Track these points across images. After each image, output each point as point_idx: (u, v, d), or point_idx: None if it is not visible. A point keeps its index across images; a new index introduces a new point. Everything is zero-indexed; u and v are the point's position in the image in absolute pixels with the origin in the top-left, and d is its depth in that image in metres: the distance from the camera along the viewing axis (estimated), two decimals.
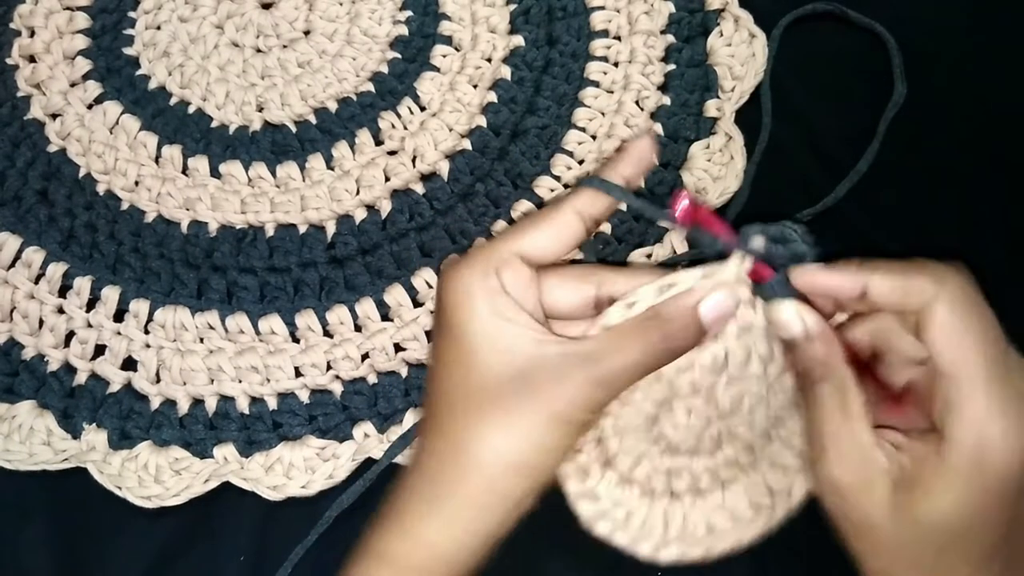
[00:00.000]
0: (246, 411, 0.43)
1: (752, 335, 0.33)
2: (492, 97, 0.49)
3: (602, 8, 0.51)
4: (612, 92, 0.49)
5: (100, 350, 0.44)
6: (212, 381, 0.43)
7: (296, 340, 0.44)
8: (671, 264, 0.42)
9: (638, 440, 0.36)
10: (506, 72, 0.49)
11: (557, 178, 0.47)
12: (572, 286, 0.32)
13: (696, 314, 0.31)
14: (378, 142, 0.48)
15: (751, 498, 0.37)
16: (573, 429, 0.31)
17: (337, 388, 0.43)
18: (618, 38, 0.51)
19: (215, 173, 0.48)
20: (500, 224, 0.46)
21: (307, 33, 0.51)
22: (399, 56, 0.50)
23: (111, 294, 0.44)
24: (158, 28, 0.51)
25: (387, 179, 0.47)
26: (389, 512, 0.32)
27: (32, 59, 0.51)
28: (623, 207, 0.39)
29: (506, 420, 0.30)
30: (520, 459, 0.30)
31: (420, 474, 0.31)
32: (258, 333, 0.44)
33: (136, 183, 0.47)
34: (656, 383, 0.34)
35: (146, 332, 0.44)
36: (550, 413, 0.30)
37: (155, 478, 0.42)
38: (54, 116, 0.49)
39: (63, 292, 0.45)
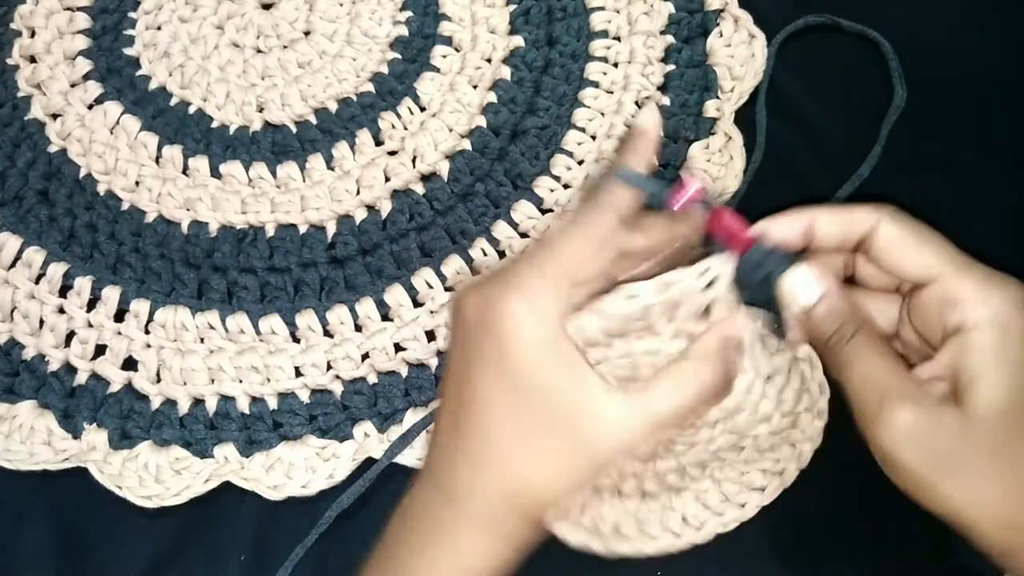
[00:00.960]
0: (246, 411, 0.43)
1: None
2: (492, 97, 0.49)
3: (602, 9, 0.51)
4: (612, 92, 0.49)
5: (100, 350, 0.44)
6: (212, 381, 0.43)
7: (296, 340, 0.44)
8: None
9: None
10: (506, 72, 0.49)
11: (557, 178, 0.47)
12: (592, 260, 0.31)
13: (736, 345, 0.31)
14: (378, 142, 0.48)
15: (662, 518, 0.38)
16: (609, 466, 0.31)
17: (337, 388, 0.43)
18: (618, 38, 0.51)
19: (215, 173, 0.48)
20: (500, 224, 0.46)
21: (307, 33, 0.51)
22: (399, 56, 0.50)
23: (111, 294, 0.45)
24: (158, 28, 0.51)
25: (387, 179, 0.47)
26: (407, 540, 0.32)
27: (33, 59, 0.51)
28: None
29: (555, 466, 0.30)
30: (554, 495, 0.30)
31: (442, 504, 0.31)
32: (258, 333, 0.44)
33: (137, 183, 0.47)
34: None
35: (146, 332, 0.44)
36: (595, 462, 0.30)
37: (155, 478, 0.42)
38: (55, 116, 0.49)
39: (64, 292, 0.45)
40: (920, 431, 0.28)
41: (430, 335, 0.44)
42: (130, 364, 0.44)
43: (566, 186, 0.47)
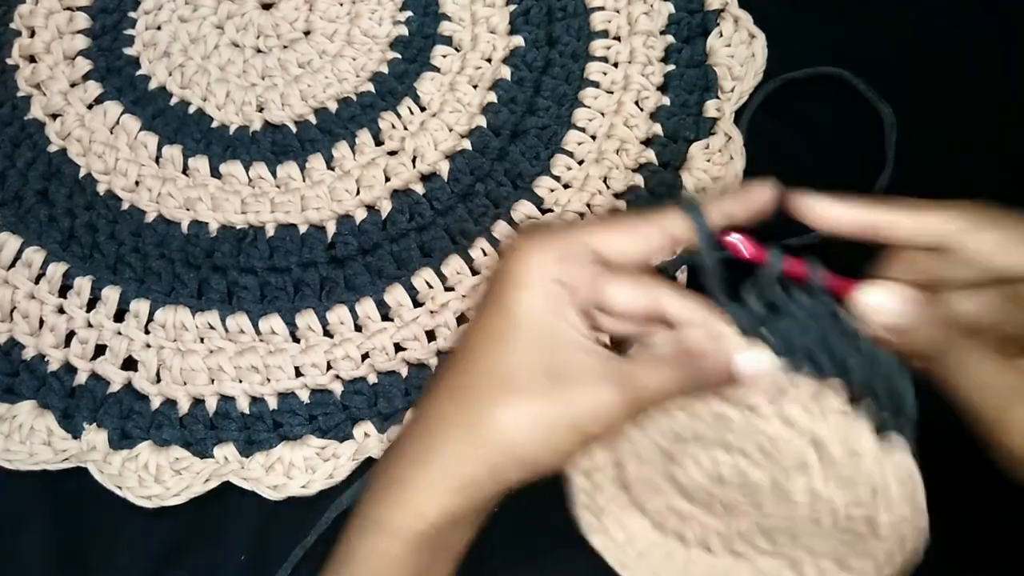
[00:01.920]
0: (246, 411, 0.43)
1: (785, 427, 0.32)
2: (492, 97, 0.49)
3: (602, 9, 0.51)
4: (612, 92, 0.49)
5: (100, 350, 0.44)
6: (212, 381, 0.43)
7: (296, 340, 0.44)
8: (662, 269, 0.41)
9: (654, 472, 0.36)
10: (506, 72, 0.49)
11: (557, 178, 0.47)
12: (632, 293, 0.31)
13: (729, 362, 0.30)
14: (378, 142, 0.48)
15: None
16: (586, 440, 0.31)
17: (337, 388, 0.43)
18: (618, 38, 0.51)
19: (215, 173, 0.48)
20: (500, 224, 0.46)
21: (307, 33, 0.51)
22: (399, 56, 0.50)
23: (111, 294, 0.44)
24: (158, 28, 0.51)
25: (387, 179, 0.47)
26: (385, 478, 0.32)
27: (32, 59, 0.51)
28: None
29: (528, 412, 0.30)
30: (528, 452, 0.30)
31: (419, 439, 0.31)
32: (258, 333, 0.44)
33: (136, 183, 0.47)
34: (667, 418, 0.33)
35: (146, 332, 0.44)
36: (572, 420, 0.30)
37: (155, 478, 0.42)
38: (54, 116, 0.49)
39: (63, 292, 0.45)
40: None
41: (430, 335, 0.44)
42: (130, 364, 0.44)
43: (566, 186, 0.47)
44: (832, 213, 0.30)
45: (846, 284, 0.30)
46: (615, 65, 0.50)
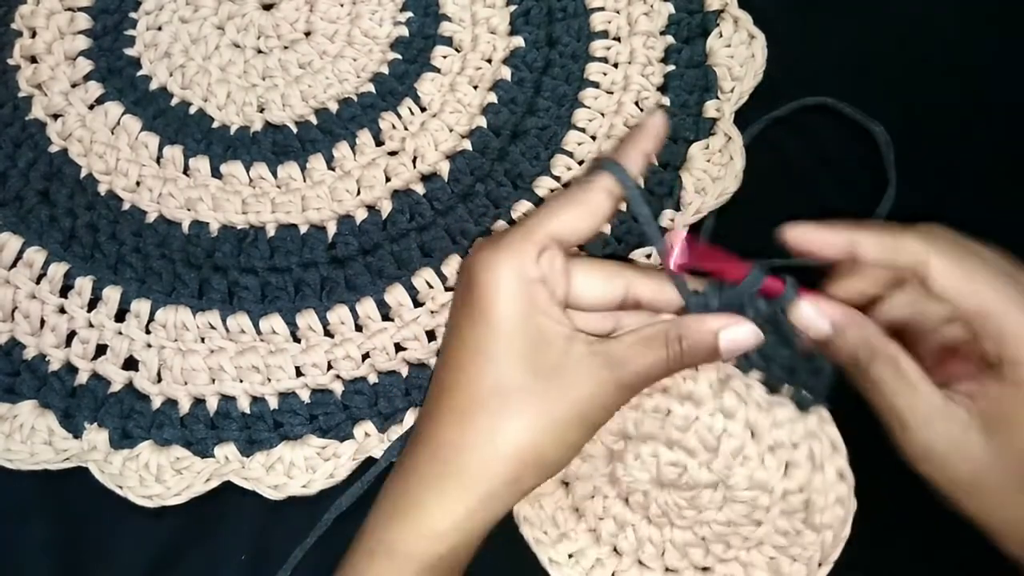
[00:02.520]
0: (247, 411, 0.43)
1: (724, 419, 0.34)
2: (492, 98, 0.49)
3: (602, 9, 0.51)
4: (612, 93, 0.50)
5: (101, 350, 0.44)
6: (213, 381, 0.43)
7: (297, 340, 0.44)
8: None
9: (597, 475, 0.36)
10: (506, 73, 0.50)
11: (557, 178, 0.48)
12: (601, 281, 0.32)
13: (715, 339, 0.31)
14: (379, 143, 0.48)
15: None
16: (593, 428, 0.31)
17: (338, 388, 0.43)
18: (618, 39, 0.51)
19: (216, 173, 0.48)
20: (500, 224, 0.46)
21: (308, 34, 0.51)
22: (400, 57, 0.50)
23: (112, 294, 0.45)
24: (159, 29, 0.51)
25: (388, 179, 0.47)
26: (391, 502, 0.32)
27: (33, 60, 0.51)
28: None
29: (533, 418, 0.30)
30: (540, 452, 0.30)
31: (428, 463, 0.31)
32: (259, 333, 0.44)
33: (137, 183, 0.47)
34: (616, 417, 0.34)
35: (147, 332, 0.44)
36: (578, 412, 0.30)
37: (156, 477, 0.42)
38: (55, 116, 0.49)
39: (64, 292, 0.45)
40: (945, 452, 0.29)
41: (430, 335, 0.44)
42: (131, 364, 0.44)
43: (566, 186, 0.47)
44: (809, 236, 0.32)
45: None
46: (615, 66, 0.50)
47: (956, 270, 0.30)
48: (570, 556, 0.38)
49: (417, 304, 0.45)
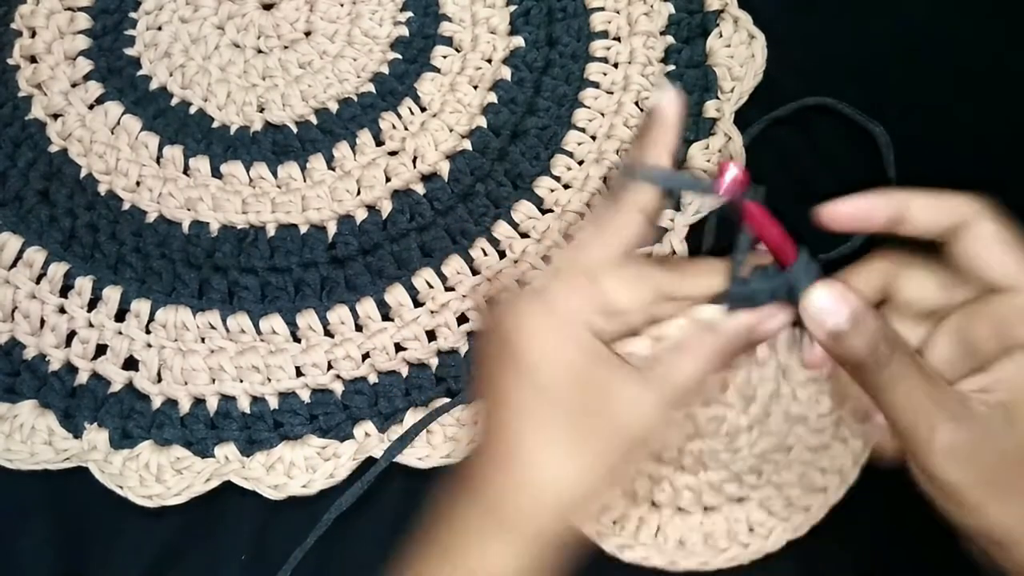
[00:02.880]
0: (247, 410, 0.43)
1: (758, 369, 0.34)
2: (492, 98, 0.49)
3: (602, 9, 0.51)
4: (612, 93, 0.50)
5: (101, 350, 0.44)
6: (213, 381, 0.43)
7: (297, 340, 0.44)
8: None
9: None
10: (506, 73, 0.50)
11: (557, 178, 0.48)
12: (633, 287, 0.31)
13: (750, 331, 0.30)
14: (379, 142, 0.48)
15: (729, 528, 0.38)
16: (644, 452, 0.31)
17: (338, 388, 0.43)
18: (618, 39, 0.51)
19: (216, 173, 0.48)
20: (500, 224, 0.46)
21: (308, 34, 0.51)
22: (400, 57, 0.50)
23: (112, 294, 0.45)
24: (159, 29, 0.51)
25: (388, 179, 0.47)
26: (435, 543, 0.31)
27: (33, 59, 0.51)
28: None
29: (578, 445, 0.29)
30: (588, 489, 0.29)
31: (473, 507, 0.30)
32: (259, 333, 0.44)
33: (137, 183, 0.47)
34: None
35: (147, 332, 0.44)
36: (628, 438, 0.29)
37: (156, 477, 0.42)
38: (55, 116, 0.49)
39: (64, 292, 0.45)
40: (969, 451, 0.27)
41: (430, 335, 0.44)
42: (131, 364, 0.44)
43: (566, 186, 0.47)
44: (852, 208, 0.30)
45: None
46: (615, 66, 0.50)
47: (999, 238, 0.28)
48: (614, 523, 0.38)
49: (417, 304, 0.45)
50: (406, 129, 0.49)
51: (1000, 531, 0.28)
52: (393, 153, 0.48)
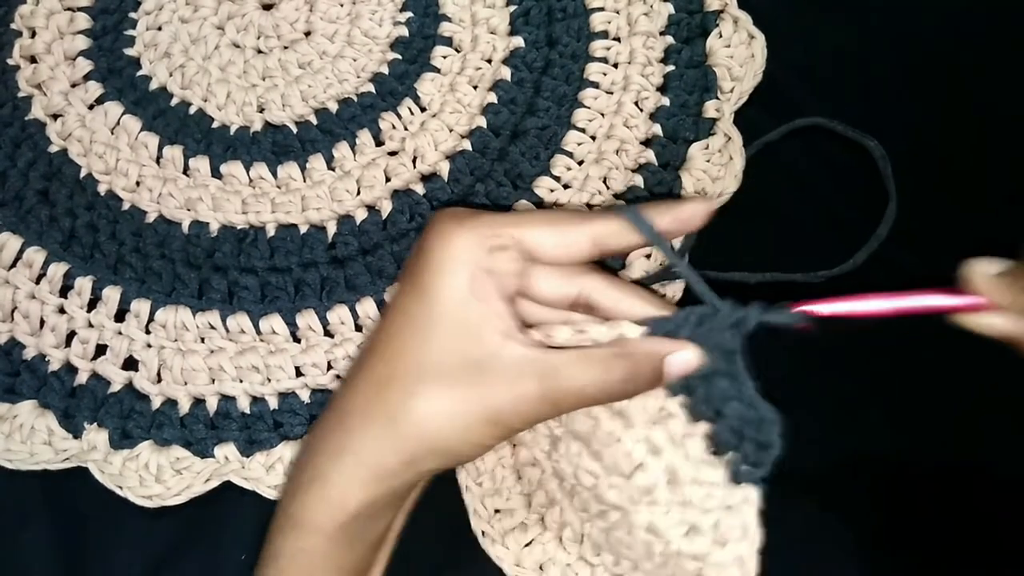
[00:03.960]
0: (247, 411, 0.43)
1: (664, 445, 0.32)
2: (492, 98, 0.49)
3: (601, 9, 0.51)
4: (612, 93, 0.50)
5: (101, 350, 0.44)
6: (213, 381, 0.43)
7: (297, 340, 0.44)
8: (645, 283, 0.41)
9: (535, 443, 0.36)
10: (506, 73, 0.50)
11: (557, 178, 0.48)
12: (558, 281, 0.31)
13: (662, 364, 0.30)
14: (379, 143, 0.48)
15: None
16: (504, 433, 0.30)
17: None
18: (617, 39, 0.51)
19: (216, 173, 0.48)
20: None
21: (308, 34, 0.51)
22: (399, 57, 0.50)
23: (112, 294, 0.45)
24: (159, 29, 0.51)
25: (388, 179, 0.47)
26: (298, 473, 0.32)
27: (33, 60, 0.51)
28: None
29: (446, 404, 0.29)
30: (444, 444, 0.29)
31: (333, 433, 0.31)
32: (259, 333, 0.44)
33: (137, 183, 0.47)
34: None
35: (147, 332, 0.44)
36: (492, 413, 0.29)
37: (156, 477, 0.42)
38: (55, 116, 0.49)
39: (64, 292, 0.45)
40: None
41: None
42: (131, 364, 0.44)
43: (566, 186, 0.47)
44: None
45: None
46: (615, 66, 0.50)
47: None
48: (496, 511, 0.37)
49: None
50: (406, 129, 0.49)
51: None
52: (393, 153, 0.48)
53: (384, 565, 0.33)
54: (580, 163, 0.48)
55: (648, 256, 0.45)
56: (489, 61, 0.50)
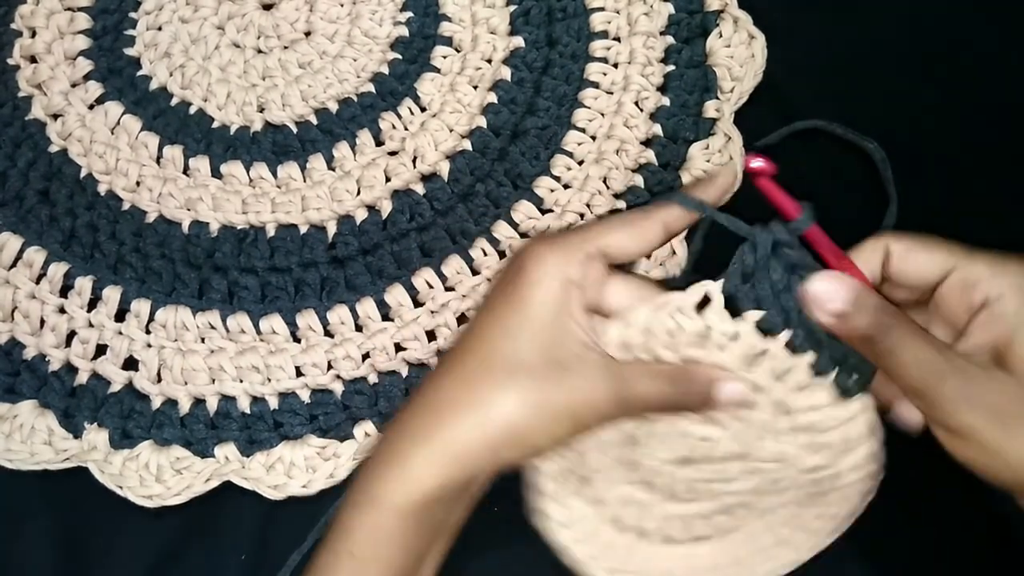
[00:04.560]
0: (247, 411, 0.43)
1: (759, 397, 0.34)
2: (492, 98, 0.49)
3: (602, 9, 0.51)
4: (612, 93, 0.50)
5: (101, 350, 0.44)
6: (213, 381, 0.43)
7: (297, 340, 0.44)
8: (673, 287, 0.42)
9: (616, 461, 0.36)
10: (506, 73, 0.50)
11: (557, 178, 0.48)
12: (633, 297, 0.33)
13: (713, 389, 0.32)
14: (379, 143, 0.48)
15: (716, 561, 0.37)
16: (579, 429, 0.32)
17: (338, 388, 0.43)
18: (618, 39, 0.51)
19: (216, 173, 0.48)
20: (500, 224, 0.46)
21: (308, 34, 0.51)
22: (400, 57, 0.50)
23: (112, 294, 0.45)
24: (159, 29, 0.51)
25: (388, 179, 0.47)
26: (380, 452, 0.33)
27: (33, 59, 0.51)
28: None
29: (530, 396, 0.31)
30: (526, 434, 0.31)
31: (422, 417, 0.33)
32: (259, 333, 0.44)
33: (137, 183, 0.47)
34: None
35: (147, 332, 0.44)
36: (570, 408, 0.31)
37: (156, 477, 0.42)
38: (55, 116, 0.49)
39: (64, 292, 0.45)
40: (983, 396, 0.29)
41: (431, 335, 0.44)
42: (131, 364, 0.44)
43: (566, 186, 0.47)
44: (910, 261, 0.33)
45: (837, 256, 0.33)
46: (615, 66, 0.50)
47: (913, 246, 0.33)
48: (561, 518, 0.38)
49: (417, 304, 0.45)
50: (406, 129, 0.49)
51: None
52: (393, 153, 0.48)
53: (439, 559, 0.34)
54: (580, 163, 0.48)
55: (648, 256, 0.45)
56: (489, 61, 0.50)
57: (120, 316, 0.45)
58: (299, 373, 0.43)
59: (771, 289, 0.32)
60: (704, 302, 0.33)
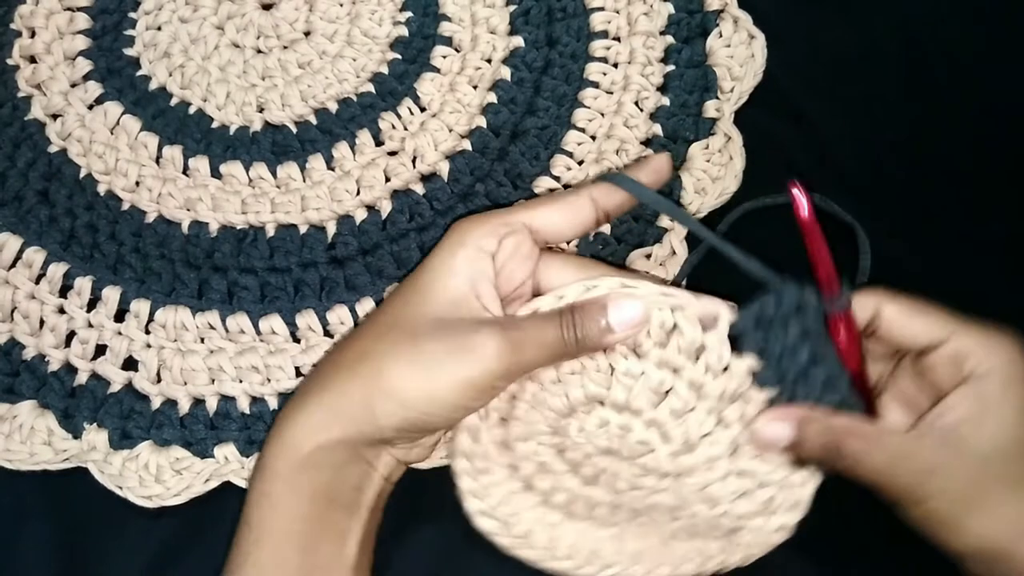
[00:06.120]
0: (247, 411, 0.43)
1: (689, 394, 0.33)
2: (492, 98, 0.49)
3: (601, 9, 0.51)
4: (612, 93, 0.50)
5: (101, 350, 0.44)
6: (213, 381, 0.43)
7: (297, 340, 0.44)
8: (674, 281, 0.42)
9: (542, 446, 0.36)
10: (506, 73, 0.50)
11: (557, 178, 0.48)
12: (571, 275, 0.34)
13: (605, 314, 0.32)
14: (378, 143, 0.48)
15: (642, 547, 0.37)
16: (469, 396, 0.32)
17: None
18: (617, 39, 0.51)
19: (216, 173, 0.48)
20: None
21: (307, 34, 0.51)
22: (399, 57, 0.50)
23: (112, 294, 0.45)
24: (159, 29, 0.51)
25: (387, 179, 0.47)
26: (277, 421, 0.34)
27: (33, 60, 0.51)
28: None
29: (413, 357, 0.32)
30: (406, 396, 0.32)
31: (312, 380, 0.34)
32: (259, 333, 0.44)
33: (137, 183, 0.47)
34: (558, 388, 0.34)
35: (147, 332, 0.44)
36: (455, 372, 0.32)
37: (156, 478, 0.42)
38: (55, 117, 0.49)
39: (64, 292, 0.45)
40: (944, 484, 0.30)
41: None
42: (130, 364, 0.44)
43: (566, 186, 0.47)
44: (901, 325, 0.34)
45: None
46: (615, 66, 0.50)
47: (909, 310, 0.33)
48: (480, 472, 0.37)
49: None
50: (406, 129, 0.49)
51: (988, 545, 0.31)
52: (393, 153, 0.48)
53: (363, 540, 0.34)
54: (580, 163, 0.48)
55: (648, 256, 0.45)
56: (489, 61, 0.50)
57: (120, 316, 0.45)
58: (299, 373, 0.43)
59: (780, 349, 0.32)
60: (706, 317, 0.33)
